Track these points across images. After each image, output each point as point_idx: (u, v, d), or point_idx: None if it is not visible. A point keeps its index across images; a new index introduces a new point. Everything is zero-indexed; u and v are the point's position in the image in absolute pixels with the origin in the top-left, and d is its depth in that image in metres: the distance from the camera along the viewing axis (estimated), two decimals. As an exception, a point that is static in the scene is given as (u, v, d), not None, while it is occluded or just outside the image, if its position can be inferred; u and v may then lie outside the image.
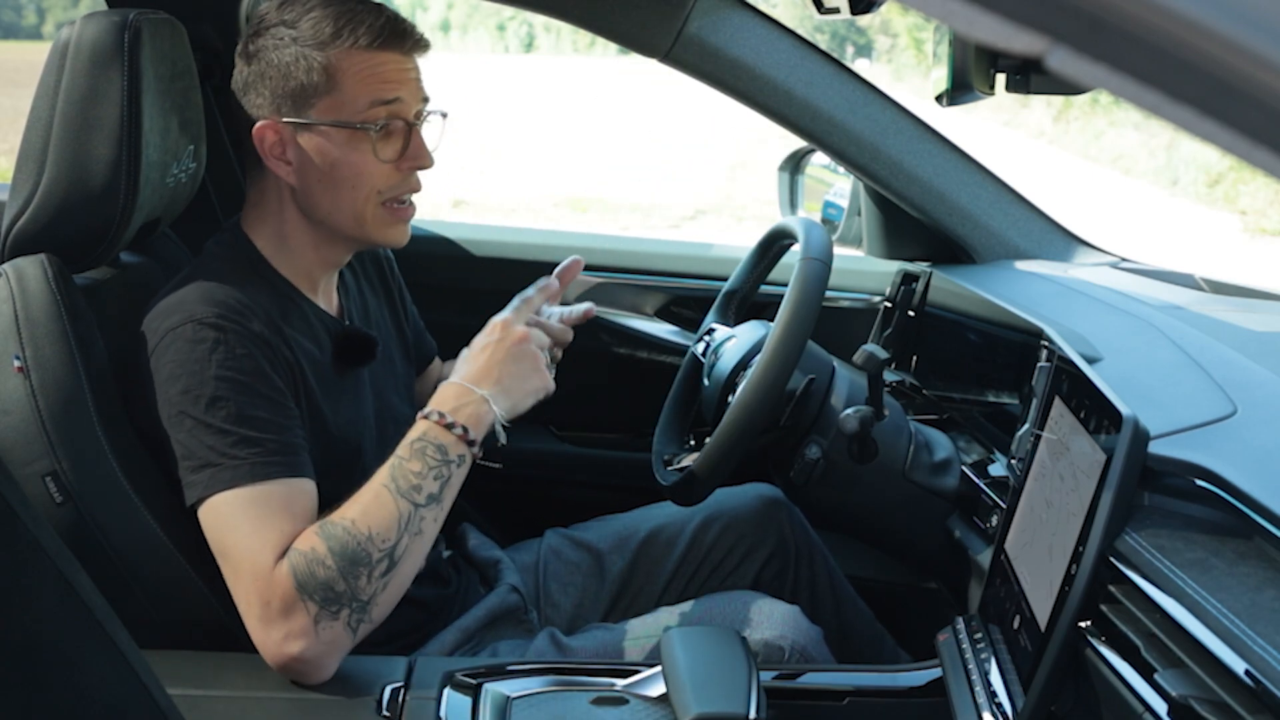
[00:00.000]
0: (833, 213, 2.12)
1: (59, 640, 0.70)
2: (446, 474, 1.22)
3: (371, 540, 1.17)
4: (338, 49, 1.27)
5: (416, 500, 1.20)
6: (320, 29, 1.27)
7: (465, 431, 1.23)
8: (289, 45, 1.28)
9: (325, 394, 1.33)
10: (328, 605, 1.15)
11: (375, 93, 1.28)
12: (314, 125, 1.29)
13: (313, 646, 1.16)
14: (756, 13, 1.72)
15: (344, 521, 1.18)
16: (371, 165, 1.30)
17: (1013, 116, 18.06)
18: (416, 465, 1.21)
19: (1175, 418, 1.01)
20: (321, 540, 1.17)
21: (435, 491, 1.21)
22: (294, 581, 1.15)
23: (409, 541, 1.19)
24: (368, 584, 1.17)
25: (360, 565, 1.16)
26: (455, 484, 1.24)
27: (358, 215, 1.32)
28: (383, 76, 1.29)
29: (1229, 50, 0.39)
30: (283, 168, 1.31)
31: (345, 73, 1.28)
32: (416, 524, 1.20)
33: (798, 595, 1.59)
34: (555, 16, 1.72)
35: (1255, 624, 0.76)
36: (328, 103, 1.28)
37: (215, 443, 1.19)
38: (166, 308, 1.25)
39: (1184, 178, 12.47)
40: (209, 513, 1.20)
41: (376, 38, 1.27)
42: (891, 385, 1.68)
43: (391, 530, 1.18)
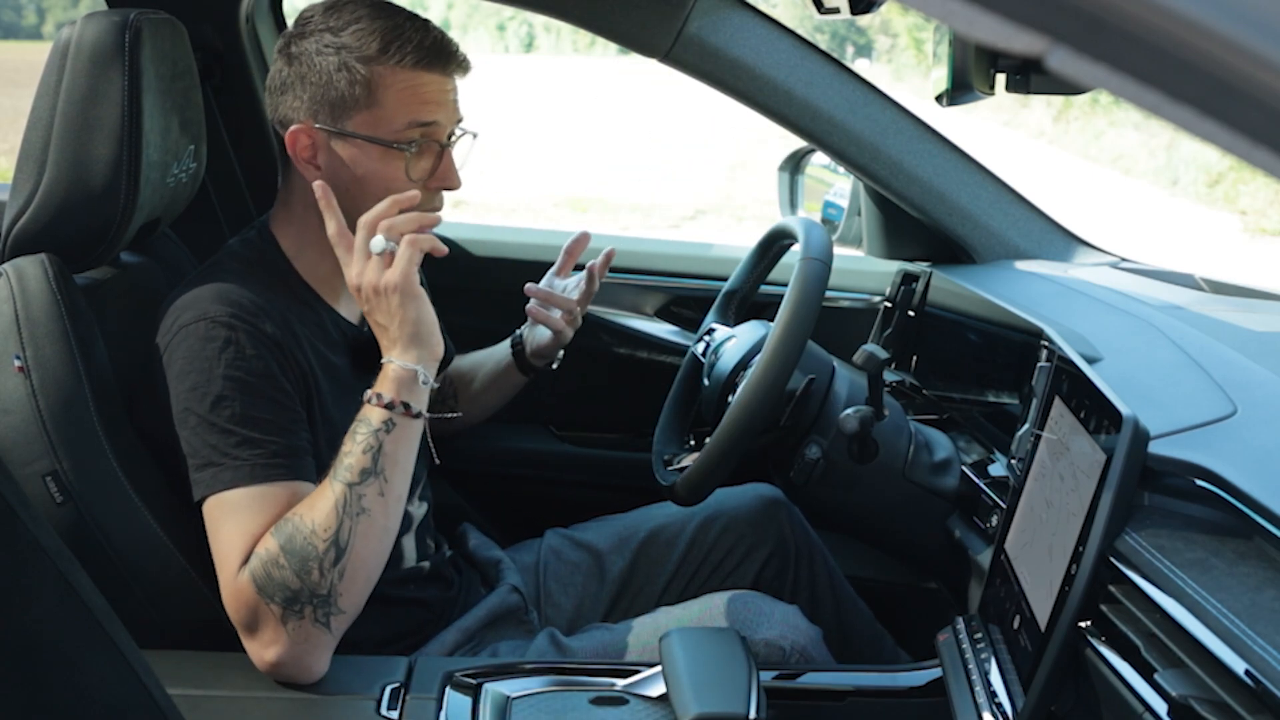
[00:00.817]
0: (833, 213, 2.12)
1: (59, 640, 0.70)
2: (376, 443, 1.19)
3: (315, 533, 1.16)
4: (382, 65, 1.26)
5: (349, 479, 1.18)
6: (367, 42, 1.26)
7: (380, 398, 1.21)
8: (333, 53, 1.26)
9: (338, 400, 1.33)
10: (289, 605, 1.16)
11: (414, 113, 1.27)
12: (349, 136, 1.28)
13: (287, 649, 1.16)
14: (756, 13, 1.71)
15: (294, 518, 1.18)
16: (401, 183, 1.28)
17: (1013, 116, 18.06)
18: (346, 446, 1.21)
19: (1175, 418, 1.01)
20: (273, 539, 1.17)
21: (369, 466, 1.19)
22: (254, 586, 1.16)
23: (351, 524, 1.17)
24: (321, 578, 1.16)
25: (309, 560, 1.16)
26: (394, 451, 1.21)
27: None
28: (423, 97, 1.28)
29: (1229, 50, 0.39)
30: (312, 172, 1.30)
31: (387, 89, 1.26)
32: (356, 504, 1.17)
33: (798, 595, 1.59)
34: (555, 16, 1.72)
35: (1255, 624, 0.76)
36: (366, 116, 1.27)
37: (218, 442, 1.20)
38: (182, 304, 1.25)
39: (1184, 178, 12.47)
40: (207, 512, 1.21)
41: (422, 58, 1.26)
42: (891, 385, 1.68)
43: (330, 517, 1.17)
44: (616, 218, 9.84)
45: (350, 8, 1.28)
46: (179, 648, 1.26)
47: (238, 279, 1.27)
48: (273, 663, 1.17)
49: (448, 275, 2.06)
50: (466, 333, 1.87)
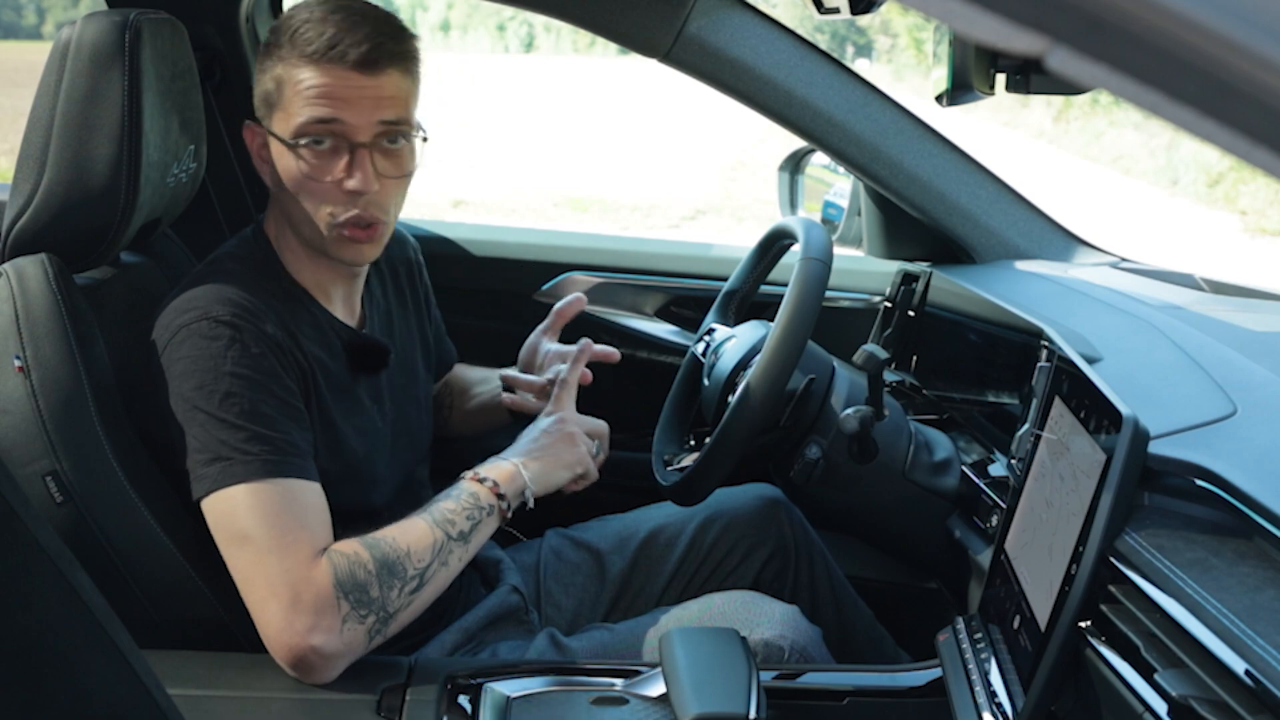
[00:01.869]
0: (833, 213, 2.12)
1: (59, 640, 0.70)
2: (477, 517, 1.28)
3: (409, 556, 1.22)
4: (285, 62, 1.24)
5: (450, 532, 1.25)
6: (281, 38, 1.25)
7: (495, 485, 1.30)
8: (263, 52, 1.28)
9: (337, 402, 1.33)
10: (358, 608, 1.17)
11: (309, 110, 1.23)
12: (269, 135, 1.28)
13: (333, 643, 1.17)
14: (756, 13, 1.72)
15: (385, 537, 1.22)
16: (308, 183, 1.26)
17: (1013, 116, 18.06)
18: (451, 505, 1.28)
19: (1175, 418, 1.01)
20: (364, 548, 1.20)
21: (465, 530, 1.27)
22: (333, 578, 1.17)
23: (437, 569, 1.24)
24: (398, 596, 1.20)
25: (396, 577, 1.20)
26: (483, 531, 1.29)
27: (316, 230, 1.28)
28: (321, 92, 1.22)
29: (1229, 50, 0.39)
30: (263, 168, 1.32)
31: (286, 84, 1.24)
32: (446, 554, 1.25)
33: (798, 595, 1.59)
34: (555, 16, 1.72)
35: (1255, 624, 0.76)
36: (279, 115, 1.26)
37: (228, 437, 1.19)
38: (181, 304, 1.25)
39: (1184, 178, 12.47)
40: (221, 504, 1.19)
41: (317, 51, 1.21)
42: (891, 385, 1.68)
43: (427, 552, 1.23)
44: (616, 218, 9.84)
45: (301, 7, 1.26)
46: (179, 648, 1.26)
47: (236, 280, 1.27)
48: (312, 647, 1.16)
49: (448, 275, 2.06)
50: (467, 333, 1.87)
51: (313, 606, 1.16)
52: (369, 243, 1.30)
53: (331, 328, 1.36)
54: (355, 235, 1.28)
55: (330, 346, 1.35)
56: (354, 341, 1.38)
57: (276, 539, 1.17)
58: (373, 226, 1.28)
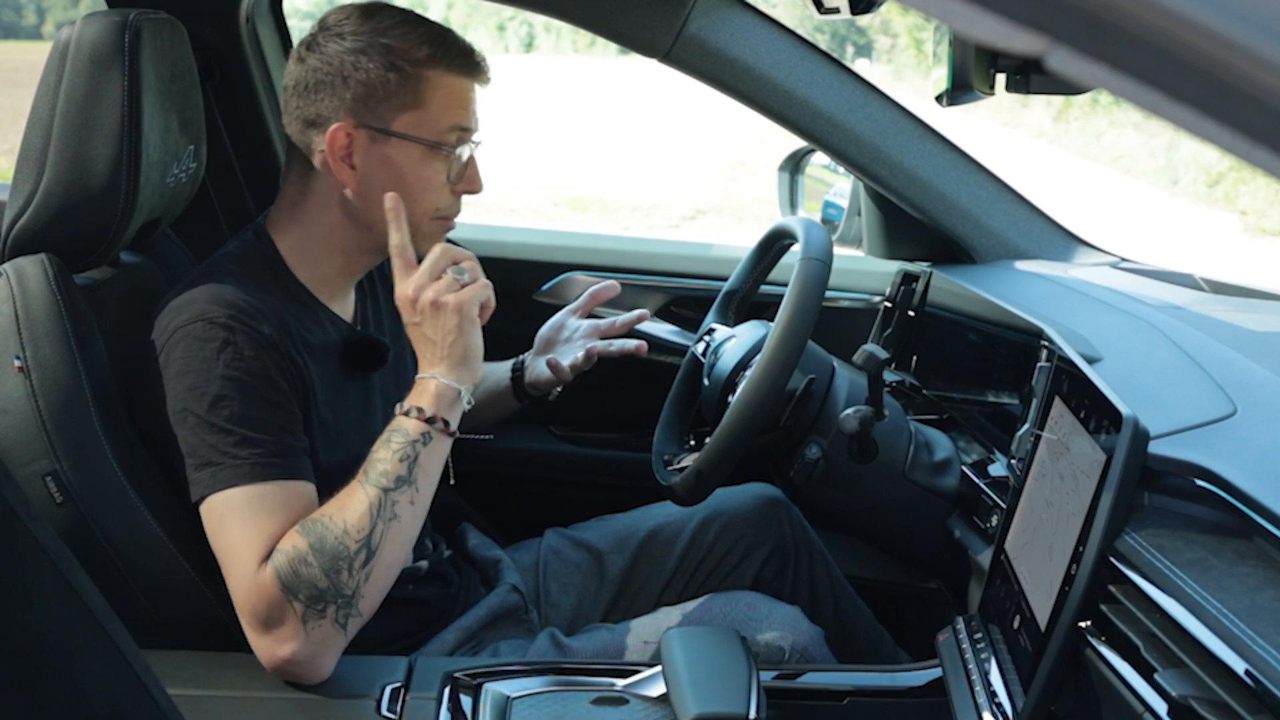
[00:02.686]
0: (833, 213, 2.12)
1: (59, 640, 0.70)
2: (412, 453, 1.23)
3: (347, 533, 1.18)
4: (431, 68, 1.29)
5: (385, 485, 1.21)
6: (416, 45, 1.28)
7: (420, 411, 1.24)
8: (379, 54, 1.27)
9: (332, 400, 1.33)
10: (313, 604, 1.16)
11: (457, 117, 1.31)
12: (393, 135, 1.29)
13: (304, 647, 1.16)
14: (756, 13, 1.71)
15: (322, 518, 1.19)
16: (438, 183, 1.32)
17: (1013, 116, 18.06)
18: (382, 453, 1.23)
19: (1175, 418, 1.01)
20: (301, 537, 1.18)
21: (404, 474, 1.22)
22: (279, 583, 1.16)
23: (384, 528, 1.20)
24: (349, 578, 1.18)
25: (340, 559, 1.17)
26: (427, 463, 1.24)
27: (415, 227, 1.31)
28: (464, 102, 1.32)
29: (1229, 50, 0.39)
30: (345, 172, 1.30)
31: (435, 92, 1.29)
32: (389, 509, 1.20)
33: (797, 595, 1.59)
34: (555, 16, 1.72)
35: (1255, 624, 0.76)
36: (411, 117, 1.29)
37: (217, 441, 1.20)
38: (178, 305, 1.25)
39: (1184, 178, 12.47)
40: (208, 511, 1.21)
41: (466, 65, 1.31)
42: (891, 385, 1.68)
43: (364, 519, 1.19)
44: (616, 218, 9.84)
45: (388, 12, 1.31)
46: (179, 648, 1.26)
47: (234, 280, 1.27)
48: (286, 659, 1.17)
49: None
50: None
51: (269, 618, 1.17)
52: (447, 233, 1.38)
53: (333, 325, 1.37)
54: (445, 227, 1.36)
55: (330, 344, 1.35)
56: (353, 339, 1.39)
57: (235, 548, 1.19)
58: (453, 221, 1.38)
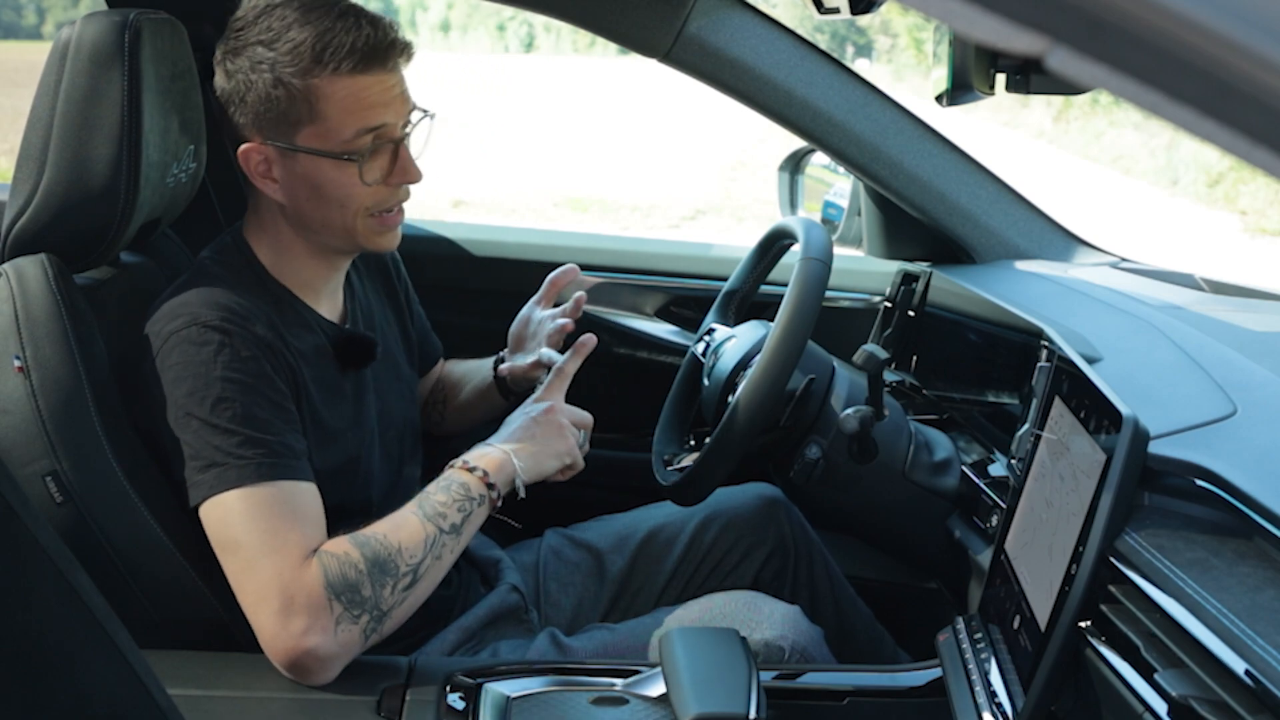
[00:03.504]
0: (833, 213, 2.12)
1: (59, 640, 0.70)
2: (468, 509, 1.28)
3: (400, 554, 1.22)
4: (320, 77, 1.23)
5: (441, 526, 1.25)
6: (300, 54, 1.22)
7: (485, 474, 1.30)
8: (267, 69, 1.24)
9: (325, 399, 1.33)
10: (351, 608, 1.17)
11: (361, 120, 1.25)
12: (299, 151, 1.27)
13: (328, 644, 1.17)
14: (756, 13, 1.72)
15: (376, 534, 1.22)
16: (358, 188, 1.28)
17: (1013, 116, 18.06)
18: (442, 496, 1.27)
19: (1175, 418, 1.01)
20: (354, 547, 1.20)
21: (457, 522, 1.26)
22: (324, 579, 1.17)
23: (430, 563, 1.24)
24: (391, 594, 1.20)
25: (388, 575, 1.20)
26: (474, 522, 1.29)
27: (348, 229, 1.31)
28: (367, 102, 1.25)
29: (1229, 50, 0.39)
30: (270, 186, 1.29)
31: (328, 101, 1.24)
32: (439, 548, 1.25)
33: (797, 595, 1.59)
34: (555, 16, 1.72)
35: (1255, 624, 0.76)
36: (311, 130, 1.25)
37: (221, 443, 1.19)
38: (169, 311, 1.25)
39: (1184, 178, 12.47)
40: (216, 510, 1.20)
41: (358, 62, 1.23)
42: (891, 385, 1.68)
43: (419, 548, 1.23)
44: (616, 218, 9.84)
45: (278, 14, 1.25)
46: (179, 648, 1.26)
47: (223, 284, 1.27)
48: (307, 649, 1.16)
49: (448, 275, 2.06)
50: (466, 333, 1.87)
51: (305, 609, 1.16)
52: (398, 226, 1.36)
53: (319, 325, 1.37)
54: (390, 221, 1.34)
55: (318, 344, 1.36)
56: (341, 337, 1.39)
57: (267, 543, 1.18)
58: (401, 210, 1.35)
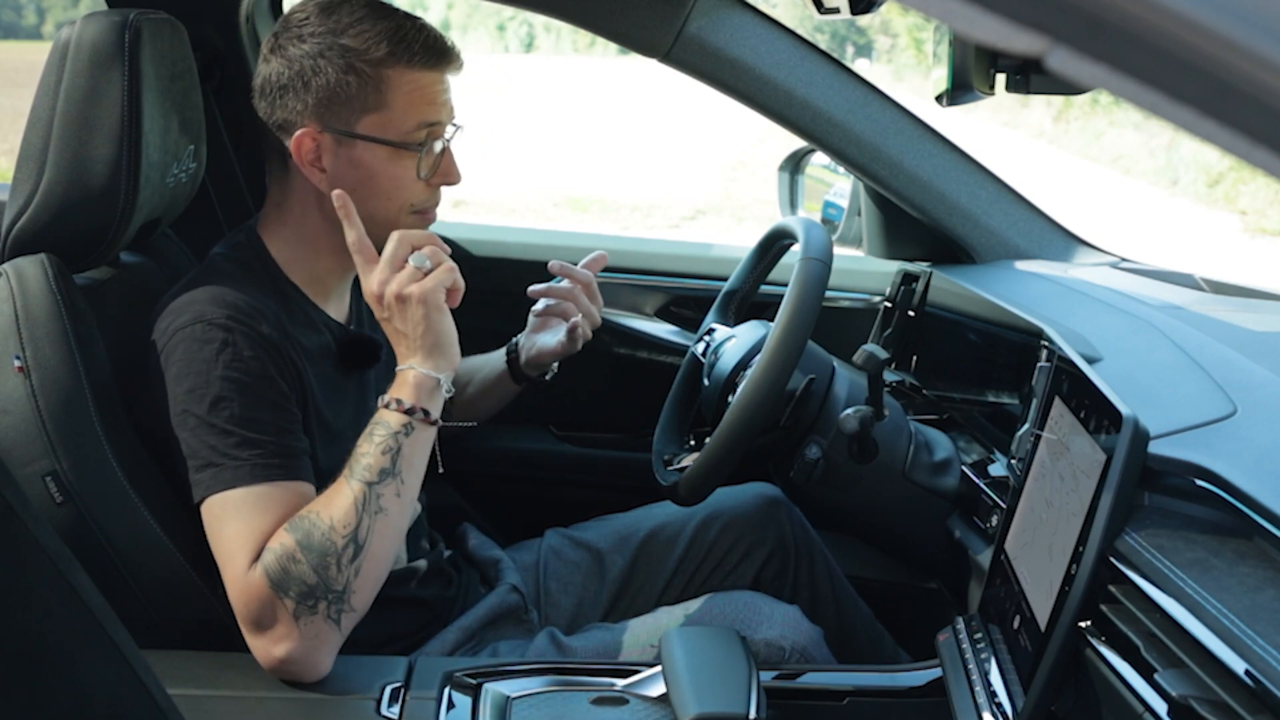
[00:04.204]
0: (833, 213, 2.12)
1: (59, 640, 0.70)
2: (395, 445, 1.22)
3: (334, 529, 1.18)
4: (390, 67, 1.26)
5: (369, 479, 1.20)
6: (374, 44, 1.26)
7: (400, 403, 1.23)
8: (338, 56, 1.26)
9: (328, 399, 1.33)
10: (304, 600, 1.16)
11: (423, 114, 1.29)
12: (358, 138, 1.28)
13: (298, 645, 1.16)
14: (756, 13, 1.71)
15: (309, 514, 1.19)
16: (410, 181, 1.31)
17: (1013, 116, 18.06)
18: (364, 447, 1.22)
19: (1175, 418, 1.01)
20: (289, 534, 1.18)
21: (388, 466, 1.21)
22: (268, 581, 1.16)
23: (370, 522, 1.19)
24: (338, 573, 1.17)
25: (328, 555, 1.17)
26: (411, 454, 1.23)
27: (390, 223, 1.31)
28: (430, 98, 1.29)
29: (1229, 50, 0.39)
30: (316, 175, 1.30)
31: (396, 91, 1.27)
32: (375, 503, 1.19)
33: (797, 595, 1.59)
34: (555, 16, 1.72)
35: (1255, 624, 0.76)
36: (375, 118, 1.28)
37: (217, 443, 1.20)
38: (177, 307, 1.25)
39: (1184, 178, 12.47)
40: (207, 512, 1.21)
41: (428, 58, 1.28)
42: (891, 385, 1.68)
43: (350, 514, 1.18)
44: (616, 218, 9.84)
45: (348, 8, 1.28)
46: (179, 648, 1.26)
47: (232, 282, 1.27)
48: (282, 658, 1.17)
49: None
50: (466, 333, 1.86)
51: (260, 619, 1.17)
52: None
53: (326, 325, 1.37)
54: (428, 221, 1.36)
55: (323, 344, 1.36)
56: (346, 338, 1.39)
57: (228, 548, 1.19)
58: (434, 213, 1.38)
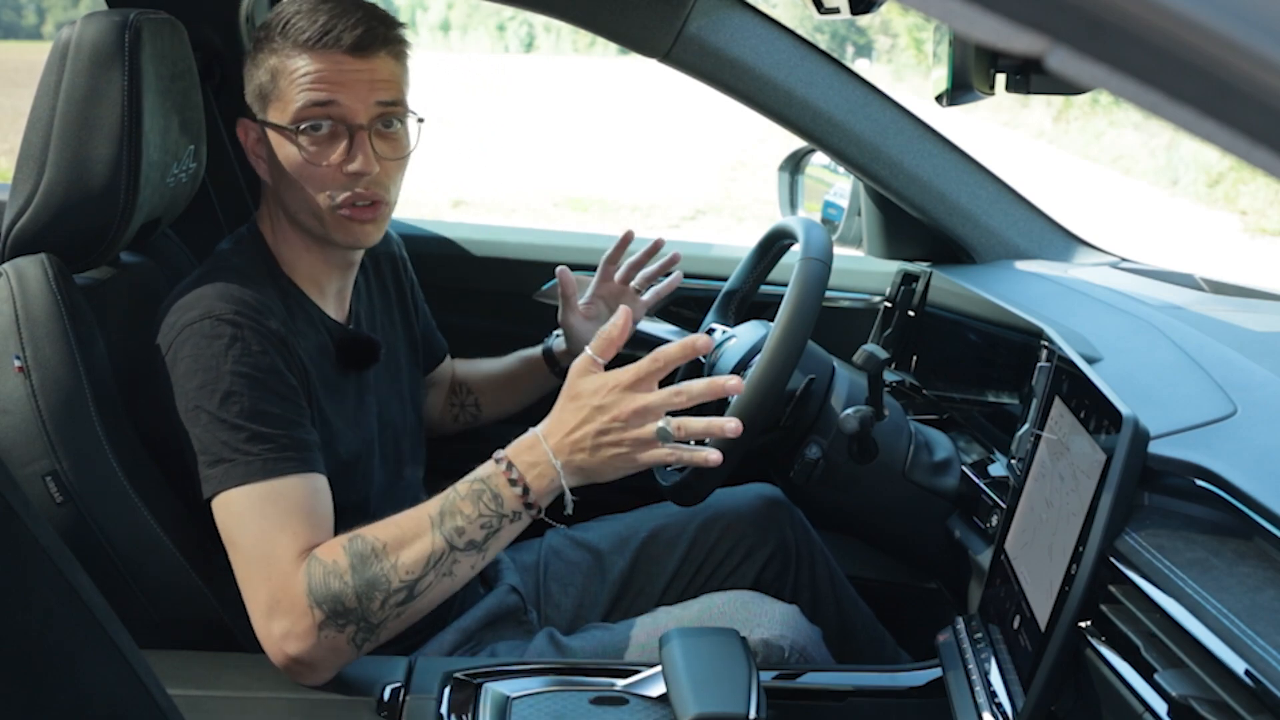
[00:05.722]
0: (833, 213, 2.12)
1: (59, 640, 0.70)
2: (495, 525, 1.16)
3: (396, 568, 1.14)
4: (279, 50, 1.27)
5: (455, 543, 1.15)
6: (273, 30, 1.28)
7: (526, 492, 1.16)
8: (256, 48, 1.30)
9: (329, 398, 1.34)
10: (336, 618, 1.14)
11: (307, 95, 1.26)
12: (266, 125, 1.30)
13: (312, 650, 1.15)
14: (756, 13, 1.72)
15: (374, 541, 1.15)
16: (309, 168, 1.28)
17: (1013, 116, 18.06)
18: (468, 508, 1.16)
19: (1175, 418, 1.01)
20: (345, 555, 1.15)
21: (479, 539, 1.16)
22: (307, 586, 1.14)
23: (434, 580, 1.15)
24: (380, 610, 1.15)
25: (377, 590, 1.14)
26: (504, 538, 1.18)
27: (317, 215, 1.30)
28: (317, 77, 1.25)
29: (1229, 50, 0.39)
30: (259, 165, 1.34)
31: (282, 73, 1.27)
32: (448, 565, 1.15)
33: (798, 595, 1.59)
34: (555, 16, 1.72)
35: (1255, 624, 0.76)
36: (275, 106, 1.29)
37: (229, 438, 1.19)
38: (185, 304, 1.25)
39: (1184, 178, 12.47)
40: (223, 507, 1.20)
41: (314, 39, 1.25)
42: (891, 385, 1.68)
43: (419, 565, 1.15)
44: (616, 218, 9.84)
45: (293, 5, 1.29)
46: (179, 648, 1.26)
47: (238, 277, 1.28)
48: (292, 656, 1.15)
49: (448, 275, 2.06)
50: (466, 333, 1.87)
51: (287, 613, 1.15)
52: (371, 223, 1.32)
53: (324, 324, 1.38)
54: (357, 215, 1.30)
55: (323, 343, 1.36)
56: (345, 337, 1.39)
57: (260, 543, 1.17)
58: (374, 206, 1.31)
